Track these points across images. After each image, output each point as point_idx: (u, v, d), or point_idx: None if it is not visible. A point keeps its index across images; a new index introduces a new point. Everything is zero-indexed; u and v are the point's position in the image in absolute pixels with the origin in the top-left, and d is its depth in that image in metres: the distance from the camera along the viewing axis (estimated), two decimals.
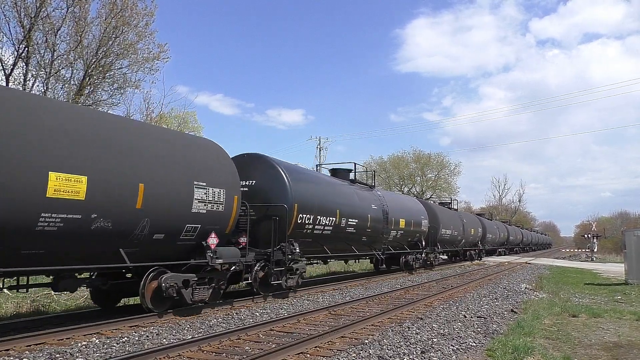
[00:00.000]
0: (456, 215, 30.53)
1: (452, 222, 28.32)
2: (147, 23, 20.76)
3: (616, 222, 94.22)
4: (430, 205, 26.73)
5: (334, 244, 14.80)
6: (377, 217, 17.48)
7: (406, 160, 60.75)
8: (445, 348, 7.29)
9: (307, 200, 13.00)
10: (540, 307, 11.73)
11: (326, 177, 16.42)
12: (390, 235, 19.01)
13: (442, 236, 25.80)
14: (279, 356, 6.44)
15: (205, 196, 9.46)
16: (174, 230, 8.94)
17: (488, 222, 42.10)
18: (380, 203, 18.11)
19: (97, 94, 20.55)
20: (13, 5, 17.44)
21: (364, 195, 17.27)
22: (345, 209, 15.08)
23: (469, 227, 32.14)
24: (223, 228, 10.06)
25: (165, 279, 8.84)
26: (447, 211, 29.13)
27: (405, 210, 20.82)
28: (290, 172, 12.80)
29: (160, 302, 9.04)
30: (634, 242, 18.59)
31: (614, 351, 7.63)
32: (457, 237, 29.19)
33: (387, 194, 21.16)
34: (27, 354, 6.35)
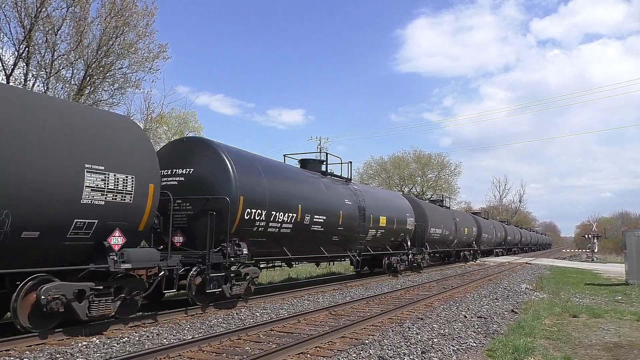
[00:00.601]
0: (448, 214, 28.91)
1: (443, 221, 26.65)
2: (148, 23, 20.75)
3: (616, 222, 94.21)
4: (417, 202, 24.88)
5: (296, 244, 12.98)
6: (351, 214, 15.57)
7: (406, 161, 60.74)
8: (446, 348, 7.29)
9: (257, 193, 11.06)
10: (540, 308, 11.73)
11: (288, 167, 14.42)
12: (369, 234, 17.09)
13: (431, 236, 23.99)
14: (279, 356, 6.44)
15: (104, 183, 7.56)
16: (56, 227, 7.05)
17: (484, 221, 40.15)
18: (356, 198, 16.21)
19: (97, 94, 20.54)
20: (13, 6, 17.43)
21: (336, 189, 15.40)
22: (309, 204, 13.14)
23: (462, 226, 30.55)
24: (134, 225, 8.17)
25: (46, 289, 6.94)
26: (437, 209, 27.43)
27: (386, 207, 18.93)
28: (237, 160, 10.88)
29: (44, 320, 7.17)
30: (635, 242, 18.57)
31: (615, 351, 7.62)
32: (449, 236, 27.57)
33: (366, 189, 19.42)
34: (28, 354, 6.35)
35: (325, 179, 15.37)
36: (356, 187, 17.25)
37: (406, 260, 20.65)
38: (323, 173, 15.70)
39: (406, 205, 21.48)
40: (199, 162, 10.55)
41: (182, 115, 33.01)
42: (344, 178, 17.00)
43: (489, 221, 44.02)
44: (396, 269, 19.71)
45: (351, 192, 16.28)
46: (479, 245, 36.02)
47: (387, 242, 19.19)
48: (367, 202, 16.96)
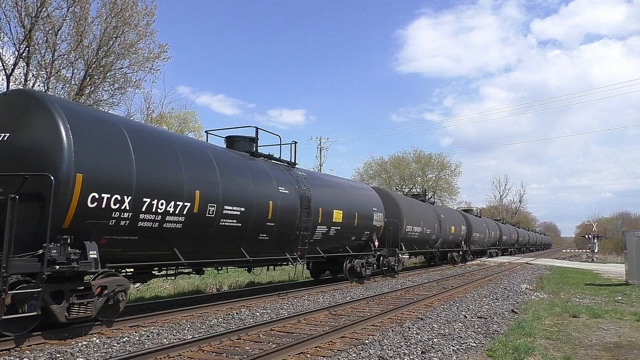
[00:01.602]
0: (430, 210, 25.54)
1: (424, 218, 23.39)
2: (148, 23, 20.77)
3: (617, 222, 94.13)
4: (390, 195, 21.40)
5: (195, 244, 9.75)
6: (289, 206, 12.27)
7: (407, 161, 60.74)
8: (446, 348, 7.29)
9: (115, 172, 7.88)
10: (540, 308, 11.73)
11: (187, 141, 11.04)
12: (318, 232, 13.72)
13: (407, 234, 20.85)
14: (279, 356, 6.44)
15: None
16: None
17: (475, 219, 36.70)
18: (298, 186, 12.89)
19: (97, 94, 20.56)
20: (14, 5, 17.46)
21: (268, 173, 12.04)
22: (215, 191, 9.81)
23: (448, 224, 27.47)
24: None
25: None
26: (415, 204, 23.99)
27: (343, 199, 15.40)
28: (80, 122, 7.69)
29: None
30: (635, 242, 18.57)
31: (615, 352, 7.62)
32: (431, 236, 24.39)
33: (316, 176, 15.68)
34: (28, 354, 6.35)
35: (255, 161, 12.16)
36: (301, 174, 13.81)
37: (374, 264, 17.48)
38: (253, 154, 12.42)
39: (373, 197, 18.02)
40: (18, 124, 7.49)
41: (182, 115, 33.04)
42: (285, 162, 13.66)
43: (482, 219, 40.79)
44: (360, 274, 16.47)
45: (292, 178, 12.98)
46: (469, 246, 32.86)
47: (346, 242, 15.92)
48: (315, 191, 13.57)
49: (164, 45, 21.29)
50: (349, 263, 16.16)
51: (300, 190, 12.97)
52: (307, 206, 13.00)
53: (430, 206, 26.75)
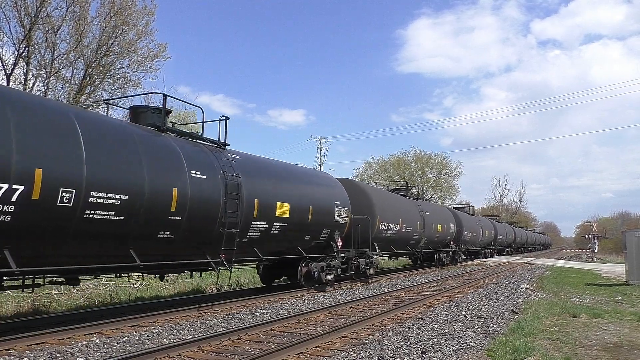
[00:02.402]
0: (412, 206, 22.63)
1: (404, 214, 20.61)
2: (147, 22, 20.77)
3: (617, 222, 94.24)
4: (359, 186, 18.59)
5: (41, 244, 7.14)
6: (206, 196, 9.59)
7: (407, 161, 60.80)
8: (446, 348, 7.28)
9: None
10: (540, 308, 11.73)
11: (28, 98, 8.24)
12: (253, 229, 11.08)
13: (381, 233, 18.15)
14: (279, 356, 6.43)
15: None
16: None
17: (467, 217, 33.61)
18: (223, 171, 10.19)
19: (97, 94, 20.57)
20: (13, 5, 17.44)
21: (180, 153, 9.33)
22: (76, 171, 7.21)
23: (434, 222, 24.66)
24: None
25: None
26: (392, 198, 21.31)
27: (292, 189, 12.66)
28: None
29: None
30: (635, 242, 18.57)
31: (615, 352, 7.62)
32: (412, 234, 21.65)
33: (253, 160, 12.36)
34: (28, 354, 6.34)
35: (161, 137, 9.50)
36: (233, 157, 11.07)
37: (338, 267, 14.81)
38: (159, 128, 9.81)
39: (335, 189, 15.15)
40: None
41: (181, 115, 33.01)
42: (210, 141, 11.03)
43: (475, 217, 37.84)
44: (320, 279, 13.89)
45: (217, 161, 10.28)
46: (460, 246, 29.90)
47: (298, 242, 13.29)
48: (249, 179, 10.98)
49: (164, 44, 21.30)
50: (305, 267, 13.50)
51: (227, 176, 10.16)
52: (235, 196, 10.21)
53: (412, 202, 23.62)
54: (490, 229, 40.46)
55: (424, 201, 28.49)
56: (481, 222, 38.24)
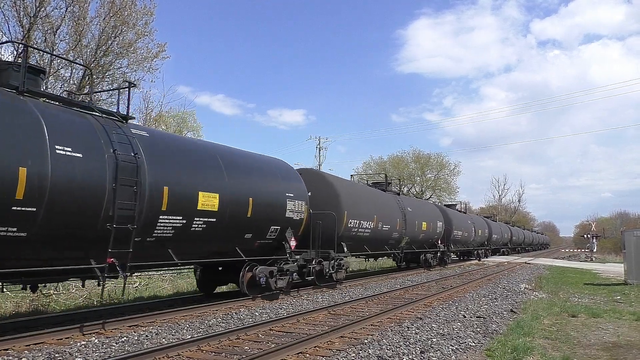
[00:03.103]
0: (390, 201, 20.20)
1: (380, 210, 18.09)
2: (146, 22, 20.77)
3: (615, 222, 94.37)
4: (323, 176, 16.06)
5: None
6: (81, 181, 7.33)
7: (406, 161, 60.83)
8: (445, 348, 7.29)
9: None
10: (539, 307, 11.74)
11: None
12: (162, 225, 8.77)
13: (351, 231, 15.76)
14: (278, 356, 6.43)
15: None
16: None
17: (457, 214, 31.19)
18: (114, 149, 7.97)
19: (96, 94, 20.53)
20: (12, 5, 17.43)
21: (42, 124, 7.00)
22: None
23: (417, 219, 22.19)
24: None
25: None
26: (365, 192, 18.69)
27: (222, 176, 10.25)
28: None
29: None
30: (634, 242, 18.60)
31: (613, 351, 7.63)
32: (390, 233, 19.29)
33: (166, 137, 10.41)
34: (27, 354, 6.34)
35: (13, 100, 7.06)
36: (139, 133, 8.83)
37: (293, 272, 12.84)
38: (18, 89, 7.38)
39: (290, 180, 12.82)
40: None
41: (180, 115, 33.02)
42: (104, 112, 8.64)
43: (466, 215, 35.53)
44: (269, 286, 11.65)
45: (105, 135, 7.99)
46: (449, 245, 27.46)
47: (236, 242, 10.88)
48: (156, 161, 8.74)
49: (163, 44, 21.30)
50: (249, 272, 11.32)
51: (119, 156, 7.89)
52: (131, 183, 8.01)
53: (392, 197, 21.02)
54: (484, 228, 38.19)
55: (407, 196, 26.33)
56: (474, 220, 35.77)
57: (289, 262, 12.58)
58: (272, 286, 11.86)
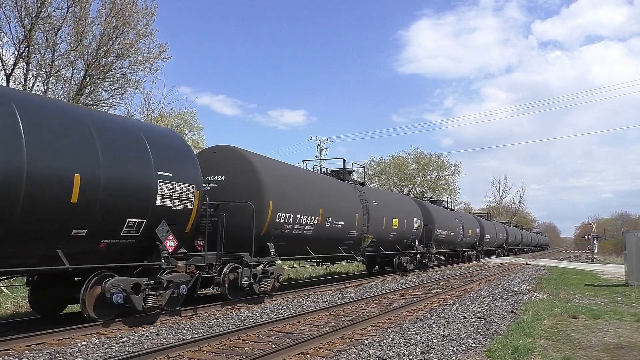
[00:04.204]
0: (347, 191, 16.25)
1: (329, 202, 14.38)
2: (148, 22, 20.77)
3: (616, 223, 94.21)
4: (234, 152, 12.12)
5: None
6: None
7: (406, 161, 60.79)
8: (445, 349, 7.28)
9: None
10: (540, 308, 11.73)
11: None
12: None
13: (280, 227, 12.16)
14: (278, 356, 6.43)
15: None
16: None
17: (441, 211, 27.38)
18: None
19: (97, 94, 20.56)
20: (14, 5, 17.45)
21: None
22: None
23: (387, 215, 18.48)
24: None
25: None
26: (300, 176, 14.21)
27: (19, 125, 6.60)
28: None
29: None
30: (634, 243, 18.57)
31: (614, 352, 7.62)
32: (345, 231, 15.45)
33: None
34: (27, 354, 6.34)
35: None
36: None
37: (180, 284, 9.14)
38: None
39: (163, 150, 9.05)
40: None
41: (181, 115, 33.05)
42: None
43: (454, 213, 31.67)
44: (134, 306, 8.39)
45: None
46: (429, 247, 23.75)
47: (50, 244, 7.28)
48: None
49: (164, 45, 21.30)
50: (97, 286, 7.99)
51: None
52: None
53: (350, 187, 16.93)
54: (475, 227, 34.30)
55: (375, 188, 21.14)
56: (462, 218, 31.66)
57: (167, 271, 8.97)
58: (137, 306, 8.41)
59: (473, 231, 33.51)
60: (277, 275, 12.29)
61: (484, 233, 36.77)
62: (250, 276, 11.17)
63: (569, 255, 60.79)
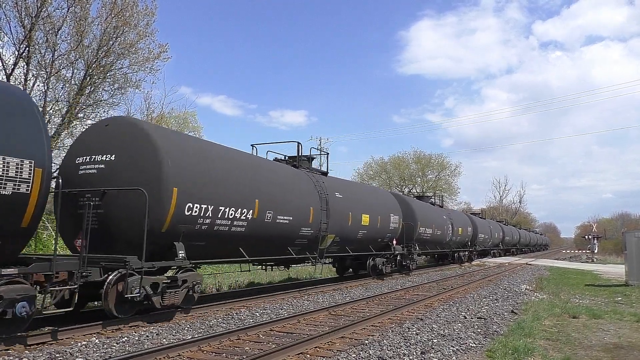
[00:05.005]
0: (299, 181, 13.39)
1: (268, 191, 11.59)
2: (148, 23, 20.83)
3: (617, 223, 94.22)
4: (126, 124, 9.65)
5: None
6: None
7: (407, 161, 60.85)
8: (446, 349, 7.28)
9: None
10: (540, 308, 11.72)
11: None
12: None
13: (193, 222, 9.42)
14: (278, 356, 6.43)
15: None
16: None
17: (425, 207, 24.60)
18: None
19: (97, 94, 20.60)
20: (14, 5, 17.47)
21: None
22: None
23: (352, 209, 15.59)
24: None
25: None
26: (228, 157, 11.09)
27: None
28: None
29: None
30: (635, 243, 18.56)
31: (614, 352, 7.62)
32: (295, 228, 12.65)
33: None
34: (27, 354, 6.34)
35: None
36: None
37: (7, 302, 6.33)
38: None
39: None
40: None
41: (181, 115, 33.08)
42: None
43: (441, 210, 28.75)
44: None
45: None
46: (411, 246, 20.74)
47: None
48: None
49: (164, 45, 21.35)
50: None
51: None
52: None
53: (304, 175, 13.91)
54: (466, 226, 31.52)
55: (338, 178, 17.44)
56: (452, 216, 28.92)
57: None
58: None
59: (464, 230, 30.71)
60: (193, 285, 9.44)
61: (476, 232, 34.14)
62: (143, 286, 8.36)
63: (569, 255, 60.74)
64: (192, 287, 9.47)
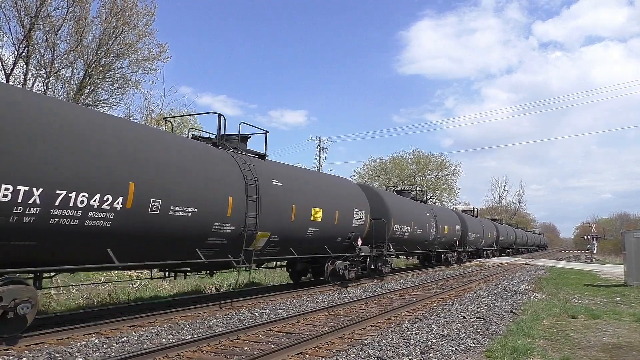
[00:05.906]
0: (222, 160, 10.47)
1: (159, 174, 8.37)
2: (147, 23, 20.83)
3: (616, 223, 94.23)
4: None
5: None
6: None
7: (406, 161, 60.87)
8: (445, 349, 7.29)
9: None
10: (539, 308, 11.74)
11: None
12: None
13: (15, 219, 6.33)
14: (278, 356, 6.44)
15: None
16: None
17: (402, 201, 21.50)
18: None
19: (97, 94, 20.60)
20: (13, 5, 17.46)
21: None
22: None
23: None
24: None
25: None
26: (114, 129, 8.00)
27: None
28: None
29: None
30: (634, 243, 18.59)
31: (613, 352, 7.63)
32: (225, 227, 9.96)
33: None
34: (27, 354, 6.34)
35: None
36: None
37: None
38: None
39: None
40: None
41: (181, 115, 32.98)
42: None
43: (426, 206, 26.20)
44: None
45: None
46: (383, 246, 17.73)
47: None
48: None
49: (164, 45, 21.35)
50: None
51: None
52: None
53: (227, 155, 10.88)
54: (454, 224, 28.47)
55: (280, 163, 13.82)
56: (436, 213, 25.51)
57: None
58: None
59: (452, 229, 27.48)
60: (15, 305, 6.62)
61: (466, 231, 30.78)
62: None
63: (569, 255, 60.78)
64: (14, 307, 6.61)
